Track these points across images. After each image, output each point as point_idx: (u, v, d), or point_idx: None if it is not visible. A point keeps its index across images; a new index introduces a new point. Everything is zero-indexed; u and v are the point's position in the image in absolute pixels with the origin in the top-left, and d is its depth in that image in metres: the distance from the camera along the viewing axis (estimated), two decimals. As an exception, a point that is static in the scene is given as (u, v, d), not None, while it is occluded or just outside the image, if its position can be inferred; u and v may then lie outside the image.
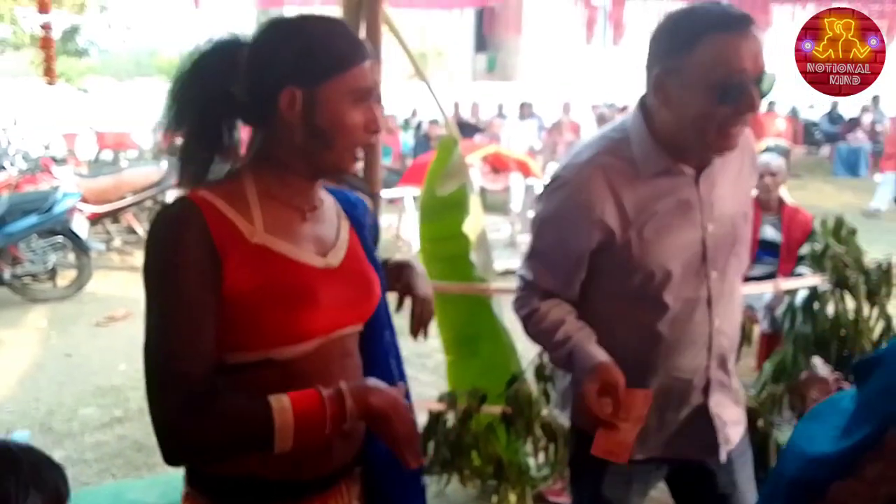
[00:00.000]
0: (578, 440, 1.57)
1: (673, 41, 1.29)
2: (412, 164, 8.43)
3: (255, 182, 1.06)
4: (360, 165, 1.12)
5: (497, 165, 7.59)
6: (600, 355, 1.37)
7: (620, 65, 5.99)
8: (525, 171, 7.41)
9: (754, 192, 3.53)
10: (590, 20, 8.94)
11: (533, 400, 2.54)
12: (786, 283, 2.95)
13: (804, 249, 3.09)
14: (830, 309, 2.81)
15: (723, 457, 1.53)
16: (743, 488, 1.59)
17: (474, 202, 2.81)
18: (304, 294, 1.04)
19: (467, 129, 10.19)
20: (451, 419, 2.55)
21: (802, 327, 2.79)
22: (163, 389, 0.95)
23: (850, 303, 2.79)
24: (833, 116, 13.03)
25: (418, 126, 11.30)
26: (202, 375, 0.96)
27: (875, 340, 2.77)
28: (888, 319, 2.77)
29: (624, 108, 10.04)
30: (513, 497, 2.62)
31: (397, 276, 1.36)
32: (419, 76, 2.85)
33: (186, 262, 0.97)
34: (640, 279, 1.40)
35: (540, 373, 2.64)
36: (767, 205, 3.54)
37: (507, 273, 5.59)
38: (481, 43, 14.56)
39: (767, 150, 8.89)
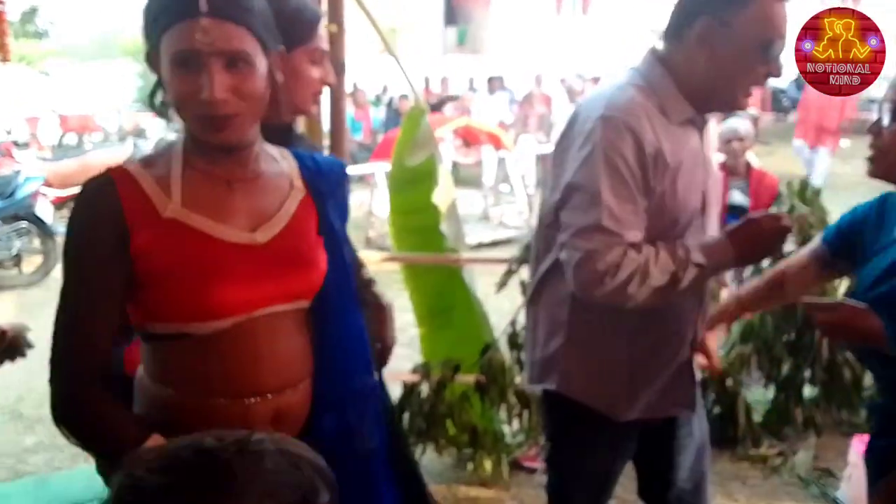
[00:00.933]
0: (562, 410, 1.55)
1: None
2: (382, 138, 8.35)
3: (183, 152, 1.02)
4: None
5: (468, 139, 7.56)
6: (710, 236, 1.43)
7: (590, 35, 5.96)
8: (496, 143, 7.38)
9: (722, 158, 3.57)
10: (558, -7, 8.88)
11: (506, 368, 2.56)
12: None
13: (772, 210, 3.13)
14: (796, 270, 2.86)
15: (698, 409, 1.57)
16: (697, 435, 1.63)
17: (443, 173, 2.80)
18: (216, 270, 1.00)
19: (438, 103, 10.13)
20: (425, 390, 2.56)
21: (769, 288, 2.83)
22: (56, 365, 1.00)
23: (815, 263, 2.85)
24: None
25: (389, 102, 11.19)
26: (94, 354, 0.99)
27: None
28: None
29: (596, 80, 10.00)
30: (488, 464, 2.65)
31: (374, 315, 1.41)
32: (387, 50, 2.81)
33: (90, 240, 0.98)
34: (662, 226, 1.40)
35: (513, 341, 2.66)
36: (735, 170, 3.58)
37: (481, 246, 5.61)
38: (451, 16, 14.39)
39: (735, 115, 8.96)
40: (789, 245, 2.73)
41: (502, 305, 3.02)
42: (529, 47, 11.33)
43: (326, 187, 1.16)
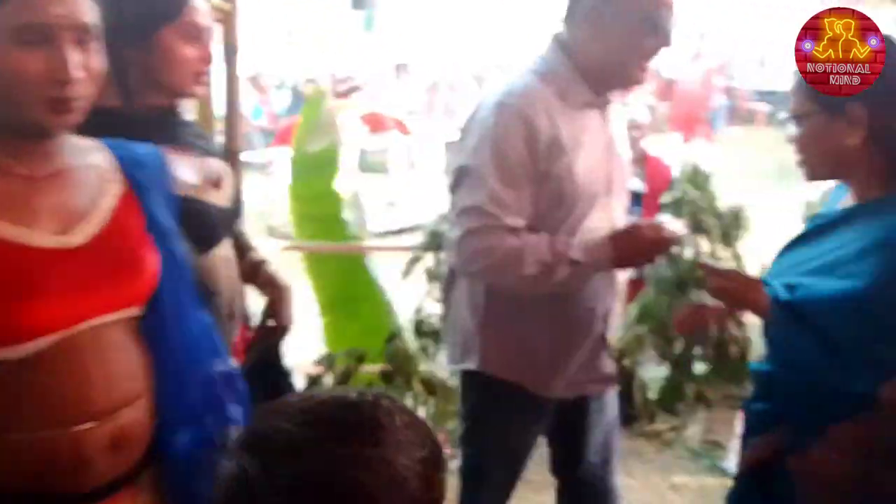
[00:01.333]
0: (482, 389, 1.57)
1: None
2: (284, 124, 8.12)
3: None
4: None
5: (375, 125, 7.47)
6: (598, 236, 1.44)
7: (500, 22, 6.03)
8: (403, 130, 7.34)
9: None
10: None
11: (412, 356, 2.55)
12: (648, 230, 3.12)
13: (665, 198, 3.26)
14: (689, 253, 3.00)
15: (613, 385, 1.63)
16: (609, 412, 1.69)
17: (346, 159, 2.74)
18: (24, 283, 0.85)
19: (346, 89, 9.95)
20: (329, 381, 2.51)
21: (664, 271, 2.96)
22: None
23: (705, 246, 3.00)
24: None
25: (294, 87, 10.90)
26: None
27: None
28: (739, 259, 3.00)
29: (505, 67, 10.12)
30: (395, 453, 2.63)
31: (270, 293, 1.45)
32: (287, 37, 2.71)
33: None
34: (563, 209, 1.44)
35: (418, 329, 2.66)
36: (632, 157, 3.70)
37: (387, 233, 5.57)
38: (358, 0, 14.13)
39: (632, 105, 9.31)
40: (682, 228, 2.87)
41: (408, 293, 3.00)
42: (438, 34, 11.32)
43: (148, 179, 1.03)
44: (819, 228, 1.38)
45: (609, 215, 1.51)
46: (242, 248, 1.48)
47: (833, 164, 1.32)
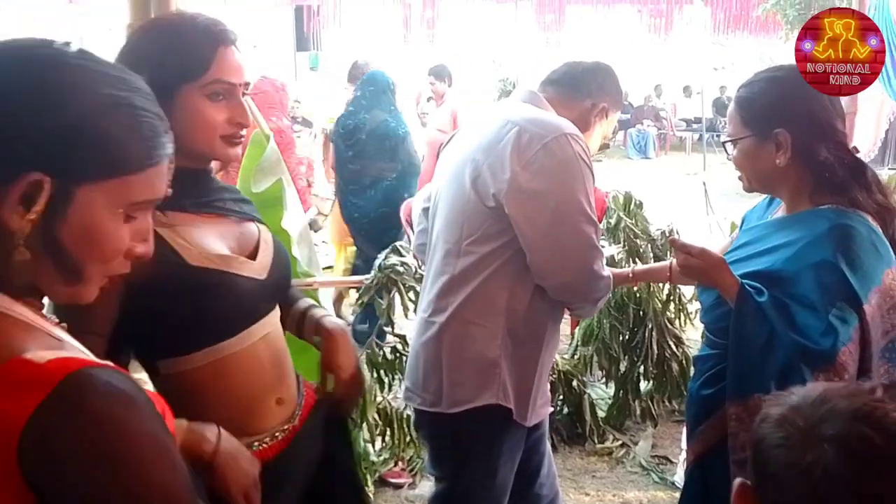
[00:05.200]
0: (487, 422, 1.57)
1: (616, 98, 1.72)
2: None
3: None
4: None
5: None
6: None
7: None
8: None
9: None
10: (405, 19, 9.14)
11: (366, 388, 2.58)
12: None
13: (601, 224, 3.41)
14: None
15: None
16: (545, 434, 1.79)
17: (292, 197, 2.79)
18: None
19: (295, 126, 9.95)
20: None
21: (604, 294, 3.08)
22: None
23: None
24: (624, 105, 14.40)
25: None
26: None
27: (664, 300, 3.14)
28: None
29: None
30: (353, 485, 2.65)
31: (322, 343, 1.32)
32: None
33: None
34: None
35: (372, 360, 2.69)
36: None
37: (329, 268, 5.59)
38: (302, 42, 14.26)
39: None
40: (615, 251, 3.01)
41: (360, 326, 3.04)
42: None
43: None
44: (753, 236, 1.53)
45: None
46: (289, 303, 1.36)
47: (765, 180, 1.47)
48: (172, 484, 0.69)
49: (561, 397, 3.04)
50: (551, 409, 1.77)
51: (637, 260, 3.04)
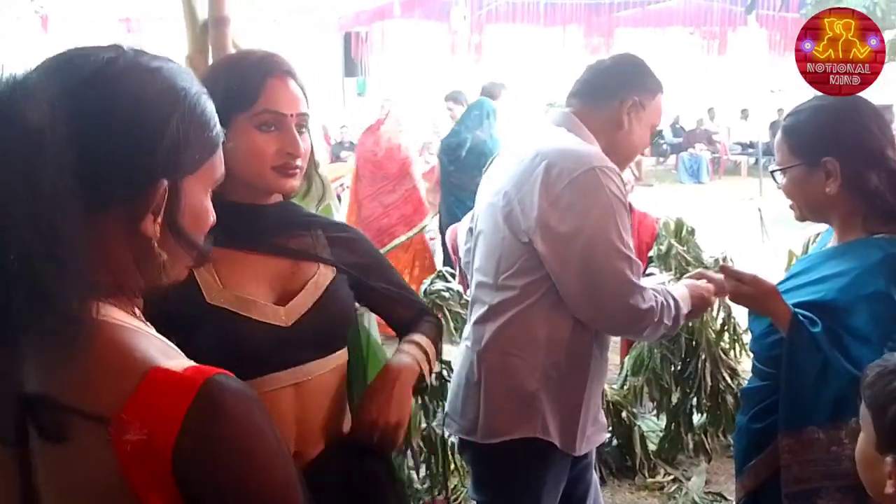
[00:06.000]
0: (531, 454, 1.55)
1: (648, 84, 1.63)
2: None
3: None
4: None
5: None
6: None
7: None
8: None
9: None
10: (452, 45, 9.23)
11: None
12: (638, 283, 3.17)
13: (652, 251, 3.33)
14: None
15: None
16: (591, 463, 1.76)
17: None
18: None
19: (338, 149, 10.18)
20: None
21: (655, 322, 3.00)
22: None
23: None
24: (676, 129, 14.18)
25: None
26: None
27: (717, 329, 3.04)
28: (728, 308, 3.05)
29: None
30: (396, 513, 2.61)
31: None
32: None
33: None
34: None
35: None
36: (620, 211, 3.79)
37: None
38: (350, 68, 14.59)
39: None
40: (666, 278, 2.93)
41: (405, 351, 3.02)
42: (427, 97, 11.64)
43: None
44: (807, 266, 1.51)
45: None
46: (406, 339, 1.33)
47: (816, 208, 1.46)
48: (291, 480, 0.74)
49: (610, 428, 2.96)
50: (606, 437, 1.73)
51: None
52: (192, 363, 0.71)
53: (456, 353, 3.05)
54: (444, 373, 2.62)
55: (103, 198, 0.69)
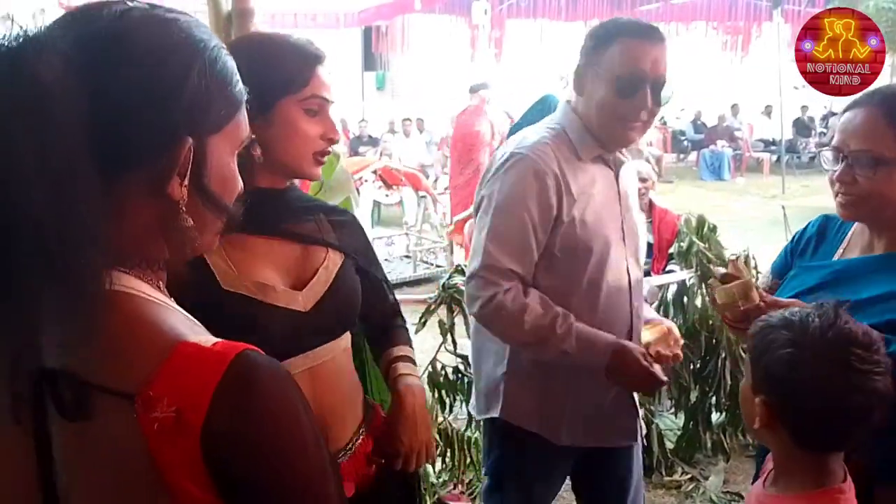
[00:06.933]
0: (507, 438, 1.62)
1: (595, 41, 1.49)
2: (300, 183, 8.30)
3: None
4: None
5: (388, 179, 7.63)
6: (608, 336, 1.48)
7: (502, 80, 6.23)
8: (416, 184, 7.49)
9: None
10: (472, 39, 9.20)
11: (427, 407, 2.56)
12: (658, 280, 3.15)
13: (673, 248, 3.31)
14: (698, 301, 3.02)
15: (639, 440, 1.66)
16: (635, 473, 1.70)
17: (360, 215, 2.81)
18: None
19: (356, 144, 10.22)
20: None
21: (674, 319, 2.97)
22: None
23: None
24: (697, 125, 14.01)
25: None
26: None
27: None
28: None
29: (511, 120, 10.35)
30: (412, 506, 2.62)
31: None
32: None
33: None
34: (577, 259, 1.50)
35: (434, 380, 2.67)
36: (640, 208, 3.76)
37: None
38: (370, 62, 14.60)
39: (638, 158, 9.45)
40: (686, 276, 2.90)
41: (423, 344, 3.03)
42: (446, 91, 11.63)
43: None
44: (846, 274, 1.33)
45: (626, 268, 1.57)
46: (386, 345, 1.36)
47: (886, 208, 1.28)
48: (325, 464, 0.70)
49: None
50: (632, 443, 1.67)
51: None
52: (219, 339, 0.67)
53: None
54: (462, 367, 2.62)
55: (124, 159, 0.64)
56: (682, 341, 1.67)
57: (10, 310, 0.58)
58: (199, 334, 0.67)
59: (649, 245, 3.72)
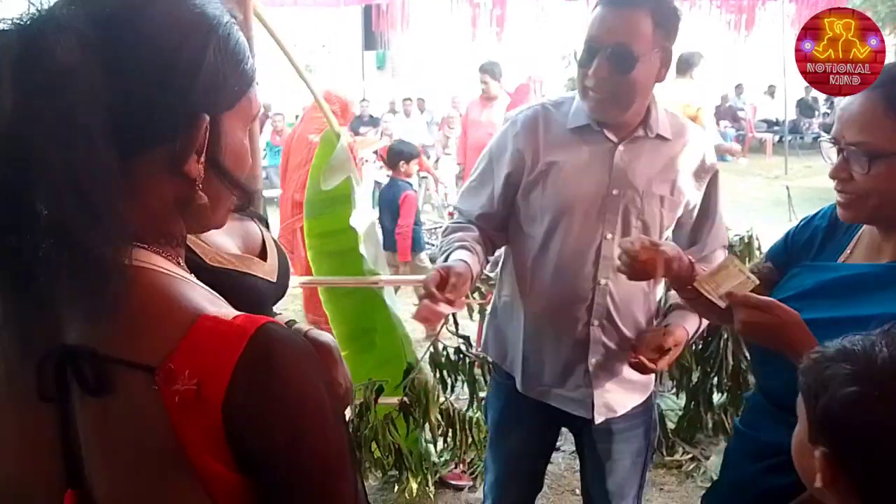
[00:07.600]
0: (491, 375, 1.86)
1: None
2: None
3: None
4: None
5: (390, 161, 7.59)
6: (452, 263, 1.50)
7: (504, 59, 6.17)
8: (418, 164, 7.45)
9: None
10: (473, 17, 9.10)
11: (429, 388, 2.57)
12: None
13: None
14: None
15: (598, 419, 1.62)
16: (616, 459, 1.68)
17: (361, 195, 2.80)
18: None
19: (357, 124, 10.14)
20: (348, 413, 2.53)
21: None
22: None
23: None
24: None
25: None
26: None
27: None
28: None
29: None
30: (414, 485, 2.64)
31: None
32: (297, 73, 2.79)
33: None
34: (533, 222, 1.56)
35: (435, 360, 2.67)
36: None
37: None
38: (370, 41, 14.49)
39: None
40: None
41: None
42: (448, 71, 11.55)
43: None
44: (850, 282, 1.21)
45: (599, 241, 1.51)
46: None
47: (885, 207, 1.17)
48: (344, 443, 0.70)
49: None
50: (586, 417, 1.62)
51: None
52: (240, 312, 0.66)
53: (474, 329, 3.06)
54: (463, 347, 2.63)
55: (143, 138, 0.64)
56: (680, 347, 1.54)
57: (33, 287, 0.60)
58: (220, 307, 0.67)
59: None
